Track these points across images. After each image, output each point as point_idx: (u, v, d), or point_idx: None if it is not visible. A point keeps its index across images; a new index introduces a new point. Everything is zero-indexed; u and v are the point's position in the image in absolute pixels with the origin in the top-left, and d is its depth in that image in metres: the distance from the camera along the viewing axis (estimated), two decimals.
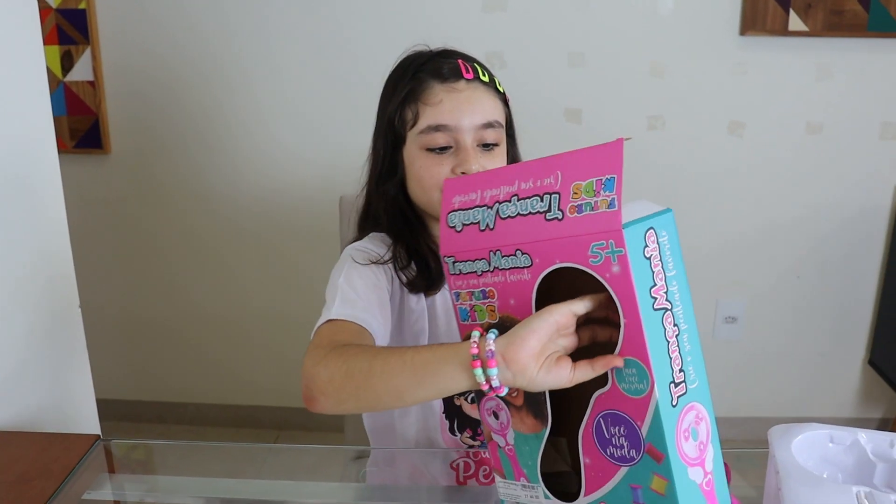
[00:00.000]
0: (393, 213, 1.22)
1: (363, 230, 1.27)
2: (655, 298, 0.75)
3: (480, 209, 0.84)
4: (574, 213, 0.75)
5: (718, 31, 2.34)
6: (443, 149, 1.14)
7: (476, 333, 0.79)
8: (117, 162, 2.53)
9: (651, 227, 0.74)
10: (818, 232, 2.52)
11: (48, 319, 1.45)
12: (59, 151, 1.50)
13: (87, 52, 2.40)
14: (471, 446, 1.25)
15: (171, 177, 2.54)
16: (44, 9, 2.34)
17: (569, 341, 0.79)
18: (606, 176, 0.74)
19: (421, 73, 1.16)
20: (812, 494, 0.84)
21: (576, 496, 0.85)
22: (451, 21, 2.35)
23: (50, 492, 1.07)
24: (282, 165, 2.50)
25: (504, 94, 1.21)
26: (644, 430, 0.77)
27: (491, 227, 0.83)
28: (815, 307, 2.60)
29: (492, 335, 0.78)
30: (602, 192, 0.74)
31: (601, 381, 0.78)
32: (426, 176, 1.15)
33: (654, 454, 0.77)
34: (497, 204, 0.82)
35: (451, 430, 1.25)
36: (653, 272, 0.75)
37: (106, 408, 1.73)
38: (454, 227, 0.87)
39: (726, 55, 2.35)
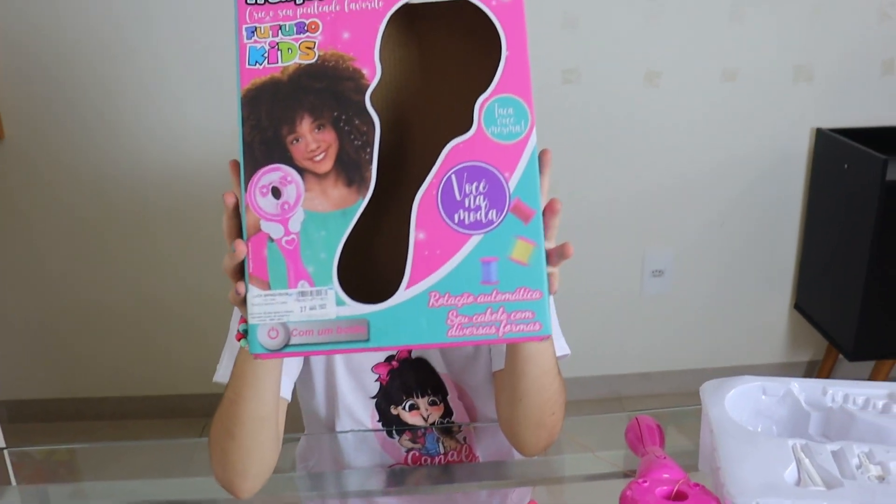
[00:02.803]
0: None
1: None
2: None
3: None
4: None
5: None
6: None
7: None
8: (12, 147, 2.38)
9: None
10: (739, 179, 2.52)
11: None
12: None
13: None
14: (409, 449, 1.20)
15: (73, 159, 2.40)
16: None
17: None
18: None
19: None
20: (748, 451, 0.82)
21: (386, 295, 0.66)
22: None
23: None
24: (190, 140, 2.39)
25: None
26: (512, 184, 0.65)
27: None
28: (741, 255, 2.62)
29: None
30: None
31: (460, 126, 0.65)
32: None
33: (522, 212, 0.65)
34: None
35: (390, 434, 1.19)
36: None
37: (17, 409, 1.63)
38: None
39: (639, 2, 2.31)
